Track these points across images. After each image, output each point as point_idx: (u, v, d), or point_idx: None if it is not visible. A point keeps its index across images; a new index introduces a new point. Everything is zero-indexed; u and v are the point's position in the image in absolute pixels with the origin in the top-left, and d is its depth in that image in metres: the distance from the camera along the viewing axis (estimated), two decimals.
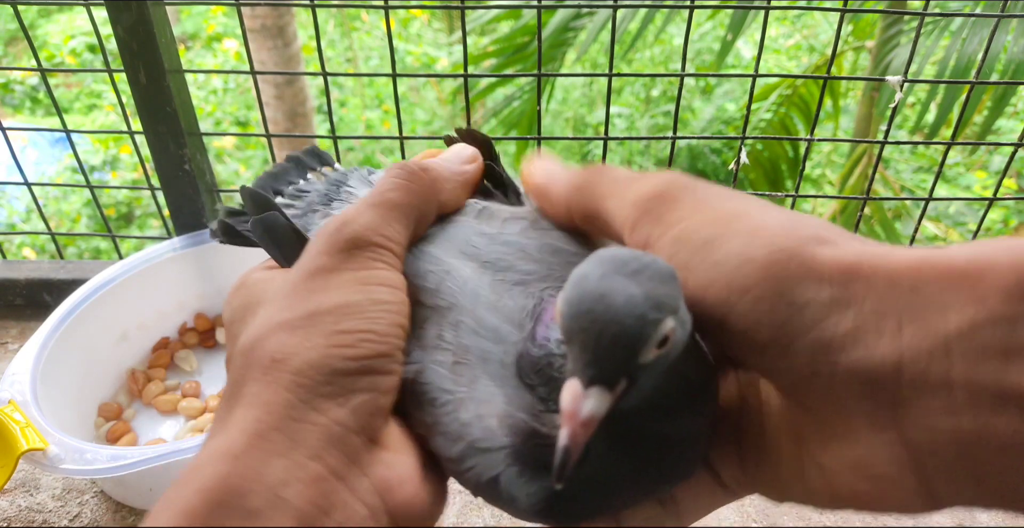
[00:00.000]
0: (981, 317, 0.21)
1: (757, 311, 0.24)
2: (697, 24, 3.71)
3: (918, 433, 0.22)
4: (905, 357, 0.22)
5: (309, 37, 3.59)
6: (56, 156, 3.65)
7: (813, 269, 0.23)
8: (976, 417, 0.21)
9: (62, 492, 0.65)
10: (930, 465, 0.22)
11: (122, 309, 0.74)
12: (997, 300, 0.21)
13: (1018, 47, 1.56)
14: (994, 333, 0.20)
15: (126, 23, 0.70)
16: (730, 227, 0.25)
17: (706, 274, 0.25)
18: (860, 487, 0.24)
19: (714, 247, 0.25)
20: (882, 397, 0.22)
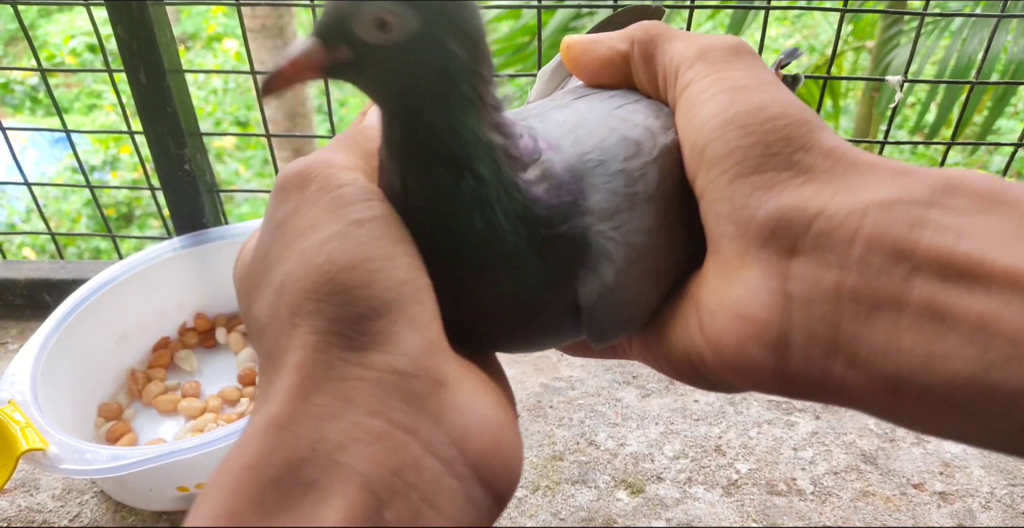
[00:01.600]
0: (903, 196, 0.24)
1: (738, 143, 0.27)
2: (697, 24, 3.71)
3: (800, 285, 0.24)
4: (826, 211, 0.24)
5: None
6: (56, 156, 3.65)
7: (804, 139, 0.26)
8: (862, 274, 0.23)
9: (62, 492, 0.65)
10: (796, 319, 0.24)
11: (122, 309, 0.74)
12: (921, 190, 0.24)
13: (1018, 47, 1.56)
14: (908, 209, 0.24)
15: (126, 23, 0.70)
16: (764, 86, 0.28)
17: (718, 107, 0.28)
18: (728, 326, 0.25)
19: (740, 93, 0.28)
20: (783, 244, 0.25)
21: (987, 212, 0.23)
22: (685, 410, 0.71)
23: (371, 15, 0.25)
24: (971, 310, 0.22)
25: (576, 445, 0.67)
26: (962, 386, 0.22)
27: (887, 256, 0.23)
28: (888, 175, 0.25)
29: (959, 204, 0.23)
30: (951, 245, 0.22)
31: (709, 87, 0.28)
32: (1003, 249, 0.22)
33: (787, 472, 0.65)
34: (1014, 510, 0.61)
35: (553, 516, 0.61)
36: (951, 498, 0.62)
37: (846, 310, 0.23)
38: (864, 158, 0.26)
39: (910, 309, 0.23)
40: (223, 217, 0.85)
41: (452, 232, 0.27)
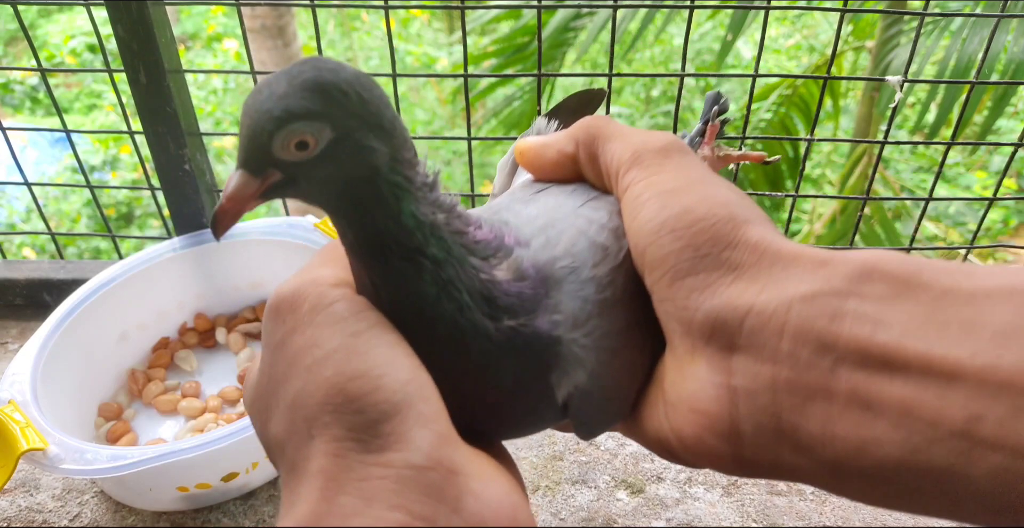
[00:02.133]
0: (822, 288, 0.26)
1: (671, 246, 0.29)
2: (697, 24, 3.71)
3: (742, 379, 0.26)
4: (755, 308, 0.26)
5: (309, 37, 3.59)
6: (56, 156, 3.65)
7: (731, 238, 0.28)
8: (793, 366, 0.25)
9: (62, 492, 0.65)
10: (744, 410, 0.26)
11: (122, 309, 0.74)
12: (838, 281, 0.26)
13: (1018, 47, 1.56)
14: (828, 301, 0.25)
15: (126, 23, 0.70)
16: (691, 186, 0.30)
17: (652, 212, 0.30)
18: (686, 418, 0.28)
19: (671, 196, 0.30)
20: (723, 341, 0.27)
21: (901, 297, 0.25)
22: None
23: (288, 139, 0.26)
24: (893, 397, 0.24)
25: (576, 445, 0.67)
26: (894, 468, 0.24)
27: (812, 349, 0.25)
28: (809, 267, 0.26)
29: (875, 291, 0.25)
30: (868, 335, 0.24)
31: (643, 191, 0.31)
32: (916, 336, 0.24)
33: None
34: None
35: (553, 516, 0.61)
36: None
37: (783, 401, 0.25)
38: (787, 249, 0.27)
39: (839, 398, 0.24)
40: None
41: (426, 319, 0.28)
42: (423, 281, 0.28)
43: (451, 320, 0.28)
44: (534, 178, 0.38)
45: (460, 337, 0.28)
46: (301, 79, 0.26)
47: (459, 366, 0.29)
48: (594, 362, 0.30)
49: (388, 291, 0.28)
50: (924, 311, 0.24)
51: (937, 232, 2.84)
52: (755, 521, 0.61)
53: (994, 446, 0.22)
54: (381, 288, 0.28)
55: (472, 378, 0.29)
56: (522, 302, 0.29)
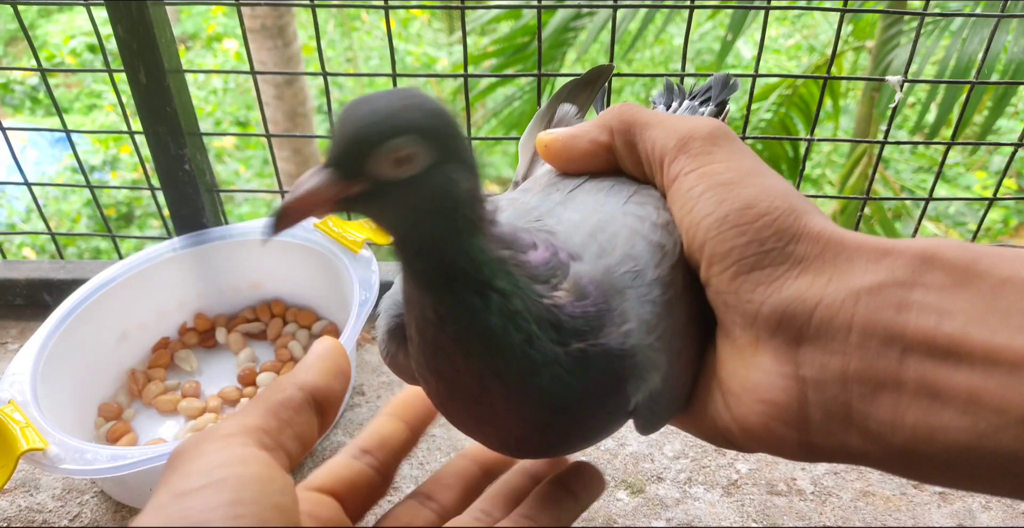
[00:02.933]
0: (888, 279, 0.26)
1: (736, 241, 0.29)
2: (697, 24, 3.71)
3: (811, 369, 0.27)
4: (824, 301, 0.27)
5: (309, 37, 3.59)
6: (56, 156, 3.65)
7: (795, 230, 0.29)
8: (863, 356, 0.26)
9: (62, 492, 0.65)
10: (812, 399, 0.27)
11: (122, 309, 0.74)
12: (902, 270, 0.26)
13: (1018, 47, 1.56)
14: (894, 292, 0.26)
15: (126, 23, 0.70)
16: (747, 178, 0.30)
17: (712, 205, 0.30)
18: (752, 408, 0.28)
19: (729, 188, 0.30)
20: (790, 334, 0.27)
21: (962, 286, 0.25)
22: None
23: (394, 152, 0.25)
24: (959, 386, 0.24)
25: None
26: (962, 453, 0.25)
27: (880, 340, 0.26)
28: (872, 257, 0.27)
29: (936, 280, 0.26)
30: (934, 325, 0.25)
31: (697, 183, 0.31)
32: (979, 326, 0.25)
33: (787, 472, 0.65)
34: (1014, 510, 0.62)
35: None
36: (951, 498, 0.62)
37: (853, 391, 0.26)
38: (849, 239, 0.28)
39: (908, 388, 0.25)
40: (223, 217, 0.85)
41: (493, 349, 0.28)
42: (490, 312, 0.28)
43: (520, 351, 0.28)
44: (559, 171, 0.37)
45: (530, 366, 0.28)
46: (418, 100, 0.26)
47: (519, 388, 0.29)
48: (666, 364, 0.30)
49: (453, 323, 0.28)
50: (985, 300, 0.25)
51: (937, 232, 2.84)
52: (755, 521, 0.61)
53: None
54: (447, 320, 0.28)
55: (533, 398, 0.29)
56: (587, 322, 0.29)
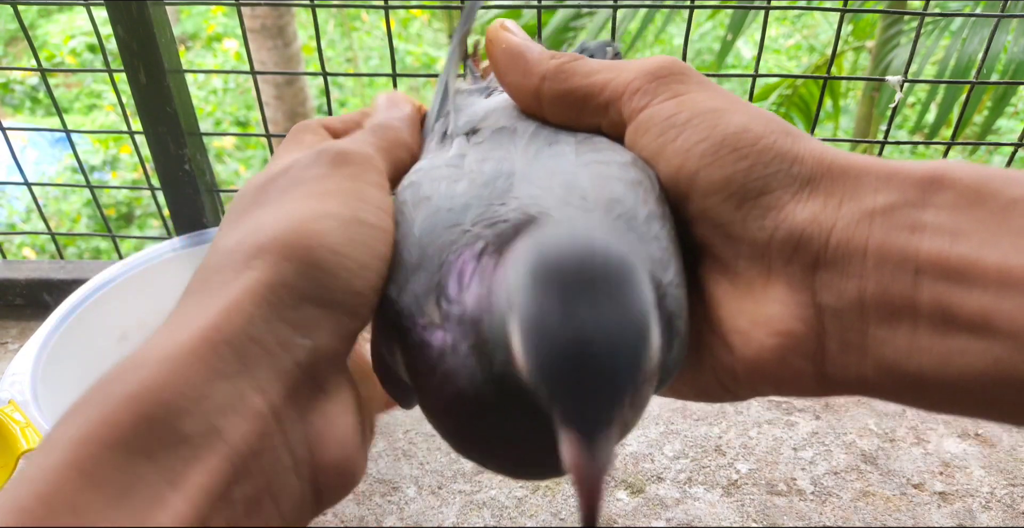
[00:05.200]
0: (900, 200, 0.25)
1: (737, 166, 0.27)
2: (697, 24, 3.71)
3: (828, 296, 0.26)
4: (838, 224, 0.26)
5: (309, 37, 3.59)
6: (56, 156, 3.65)
7: (793, 151, 0.27)
8: (878, 282, 0.25)
9: None
10: (830, 327, 0.26)
11: (122, 309, 0.74)
12: (912, 191, 0.25)
13: (1018, 47, 1.56)
14: (907, 212, 0.25)
15: (126, 23, 0.69)
16: (735, 105, 0.29)
17: (703, 132, 0.28)
18: (765, 343, 0.26)
19: (718, 115, 0.28)
20: (807, 258, 0.26)
21: (973, 206, 0.24)
22: (685, 410, 0.71)
23: (656, 351, 0.21)
24: (973, 308, 0.23)
25: None
26: (976, 379, 0.24)
27: (896, 263, 0.25)
28: (881, 177, 0.26)
29: (947, 200, 0.25)
30: (947, 247, 0.24)
31: (678, 109, 0.29)
32: (992, 246, 0.23)
33: (787, 472, 0.65)
34: (1014, 510, 0.61)
35: (553, 516, 0.61)
36: (951, 498, 0.62)
37: (871, 316, 0.25)
38: (854, 160, 0.27)
39: (923, 311, 0.24)
40: (223, 217, 0.85)
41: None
42: None
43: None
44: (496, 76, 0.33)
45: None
46: (609, 274, 0.21)
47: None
48: (684, 303, 0.27)
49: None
50: (997, 220, 0.24)
51: None
52: (755, 521, 0.61)
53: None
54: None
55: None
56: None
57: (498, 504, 0.62)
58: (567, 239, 0.22)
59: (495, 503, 0.62)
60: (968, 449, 0.67)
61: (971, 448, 0.67)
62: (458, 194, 0.27)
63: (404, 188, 0.29)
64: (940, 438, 0.68)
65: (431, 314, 0.25)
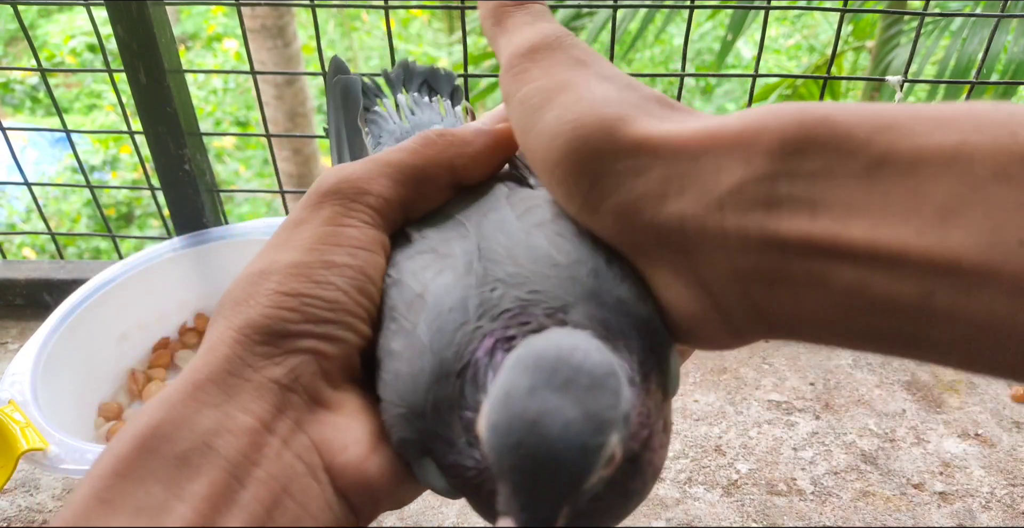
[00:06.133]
0: (748, 175, 0.24)
1: (567, 183, 0.27)
2: (697, 24, 3.71)
3: (708, 273, 0.25)
4: (687, 214, 0.25)
5: (309, 37, 3.59)
6: (56, 156, 3.65)
7: (610, 144, 0.26)
8: (747, 258, 0.24)
9: (62, 492, 0.65)
10: (723, 300, 0.26)
11: (122, 309, 0.74)
12: (761, 161, 0.24)
13: (1018, 47, 1.56)
14: (757, 189, 0.24)
15: (126, 23, 0.70)
16: (555, 98, 0.27)
17: (534, 142, 0.28)
18: (682, 324, 0.27)
19: (538, 116, 0.27)
20: (676, 247, 0.26)
21: (836, 168, 0.23)
22: (685, 410, 0.71)
23: (606, 459, 0.21)
24: (843, 279, 0.23)
25: None
26: (862, 335, 0.24)
27: (758, 243, 0.24)
28: (724, 151, 0.24)
29: (805, 167, 0.23)
30: (807, 223, 0.23)
31: (512, 113, 0.29)
32: (859, 215, 0.23)
33: (787, 472, 0.65)
34: (1014, 510, 0.61)
35: None
36: (951, 498, 0.62)
37: (751, 288, 0.25)
38: (686, 135, 0.25)
39: (798, 282, 0.24)
40: (223, 217, 0.85)
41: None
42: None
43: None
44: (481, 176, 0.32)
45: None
46: (584, 377, 0.21)
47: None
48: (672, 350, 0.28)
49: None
50: (862, 185, 0.23)
51: None
52: (755, 521, 0.61)
53: (950, 319, 0.22)
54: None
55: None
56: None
57: None
58: (556, 339, 0.23)
59: None
60: (968, 449, 0.67)
61: (971, 448, 0.67)
62: (451, 288, 0.26)
63: (388, 287, 0.28)
64: (940, 438, 0.68)
65: (458, 433, 0.25)
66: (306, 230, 0.28)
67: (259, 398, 0.25)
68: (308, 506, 0.25)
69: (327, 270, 0.27)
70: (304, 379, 0.26)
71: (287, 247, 0.28)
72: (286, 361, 0.26)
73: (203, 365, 0.26)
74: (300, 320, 0.26)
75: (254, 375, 0.26)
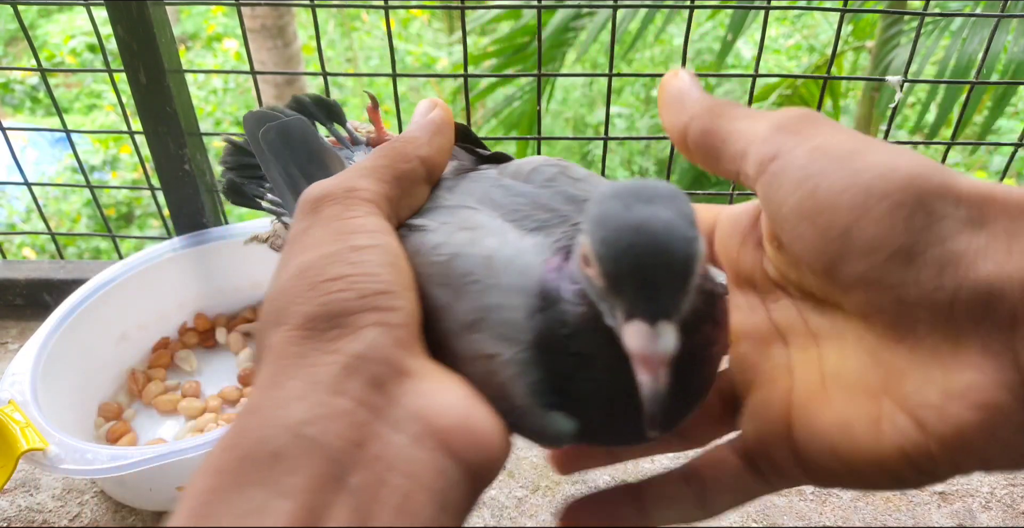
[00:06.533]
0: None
1: (893, 216, 0.23)
2: (697, 24, 3.71)
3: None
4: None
5: (309, 37, 3.59)
6: (56, 156, 3.64)
7: (953, 188, 0.23)
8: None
9: (62, 492, 0.65)
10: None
11: (122, 309, 0.74)
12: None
13: (1018, 47, 1.56)
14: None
15: (126, 23, 0.70)
16: (872, 145, 0.25)
17: (845, 180, 0.24)
18: (965, 416, 0.23)
19: (856, 157, 0.25)
20: (1003, 316, 0.22)
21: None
22: None
23: (703, 252, 0.24)
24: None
25: None
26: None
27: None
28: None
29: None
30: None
31: (812, 158, 0.26)
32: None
33: None
34: (1014, 510, 0.61)
35: (553, 516, 0.61)
36: (951, 498, 0.62)
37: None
38: (1015, 196, 0.23)
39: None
40: (223, 217, 0.85)
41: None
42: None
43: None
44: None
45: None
46: (663, 192, 0.24)
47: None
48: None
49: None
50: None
51: None
52: (755, 521, 0.61)
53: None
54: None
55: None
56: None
57: (498, 504, 0.62)
58: (624, 182, 0.25)
59: (495, 503, 0.62)
60: None
61: None
62: (504, 244, 0.29)
63: (449, 260, 0.29)
64: None
65: (568, 324, 0.26)
66: (316, 231, 0.28)
67: (348, 377, 0.24)
68: (419, 477, 0.24)
69: (356, 253, 0.27)
70: (384, 351, 0.25)
71: (306, 250, 0.28)
72: (361, 336, 0.25)
73: (276, 369, 0.25)
74: (356, 297, 0.26)
75: (333, 357, 0.25)
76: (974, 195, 0.23)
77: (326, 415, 0.23)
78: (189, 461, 0.55)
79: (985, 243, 0.23)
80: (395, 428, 0.24)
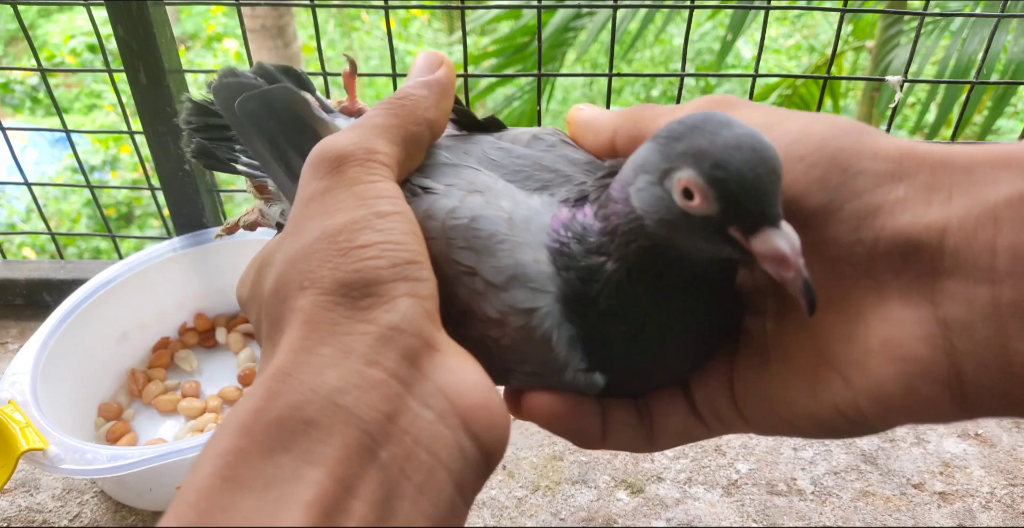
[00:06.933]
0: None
1: (809, 176, 0.25)
2: (697, 24, 3.71)
3: (954, 307, 0.22)
4: (952, 223, 0.22)
5: (309, 37, 3.59)
6: (56, 156, 3.64)
7: (870, 146, 0.24)
8: (1017, 284, 0.21)
9: (62, 492, 0.65)
10: (961, 346, 0.22)
11: (122, 309, 0.74)
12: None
13: (1018, 47, 1.56)
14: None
15: (126, 23, 0.70)
16: (789, 117, 0.27)
17: (780, 136, 0.26)
18: (886, 371, 0.23)
19: (773, 128, 0.26)
20: (922, 267, 0.23)
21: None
22: None
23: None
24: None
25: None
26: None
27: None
28: (997, 165, 0.22)
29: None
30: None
31: None
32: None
33: (787, 472, 0.65)
34: (1014, 510, 0.61)
35: (553, 516, 0.61)
36: (951, 498, 0.62)
37: (1009, 327, 0.21)
38: (953, 151, 0.23)
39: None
40: (223, 217, 0.85)
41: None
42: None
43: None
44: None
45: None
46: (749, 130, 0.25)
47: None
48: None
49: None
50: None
51: None
52: (755, 521, 0.61)
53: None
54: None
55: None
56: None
57: (498, 504, 0.62)
58: (692, 115, 0.26)
59: (495, 503, 0.62)
60: (968, 449, 0.67)
61: (971, 448, 0.67)
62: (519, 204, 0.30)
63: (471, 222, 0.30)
64: (940, 438, 0.68)
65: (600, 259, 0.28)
66: (340, 193, 0.28)
67: (383, 348, 0.24)
68: (439, 454, 0.24)
69: (382, 219, 0.27)
70: (417, 323, 0.25)
71: (329, 213, 0.27)
72: (394, 307, 0.25)
73: (307, 333, 0.24)
74: (388, 265, 0.26)
75: (369, 327, 0.24)
76: (893, 150, 0.24)
77: (360, 385, 0.23)
78: (189, 461, 0.55)
79: (904, 194, 0.23)
80: (424, 403, 0.24)
